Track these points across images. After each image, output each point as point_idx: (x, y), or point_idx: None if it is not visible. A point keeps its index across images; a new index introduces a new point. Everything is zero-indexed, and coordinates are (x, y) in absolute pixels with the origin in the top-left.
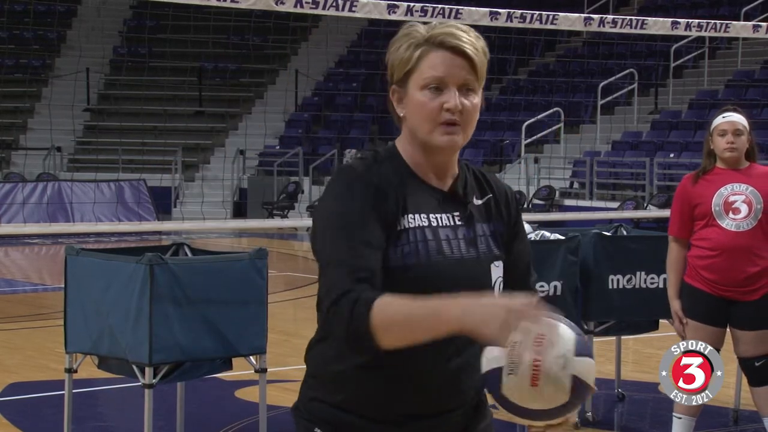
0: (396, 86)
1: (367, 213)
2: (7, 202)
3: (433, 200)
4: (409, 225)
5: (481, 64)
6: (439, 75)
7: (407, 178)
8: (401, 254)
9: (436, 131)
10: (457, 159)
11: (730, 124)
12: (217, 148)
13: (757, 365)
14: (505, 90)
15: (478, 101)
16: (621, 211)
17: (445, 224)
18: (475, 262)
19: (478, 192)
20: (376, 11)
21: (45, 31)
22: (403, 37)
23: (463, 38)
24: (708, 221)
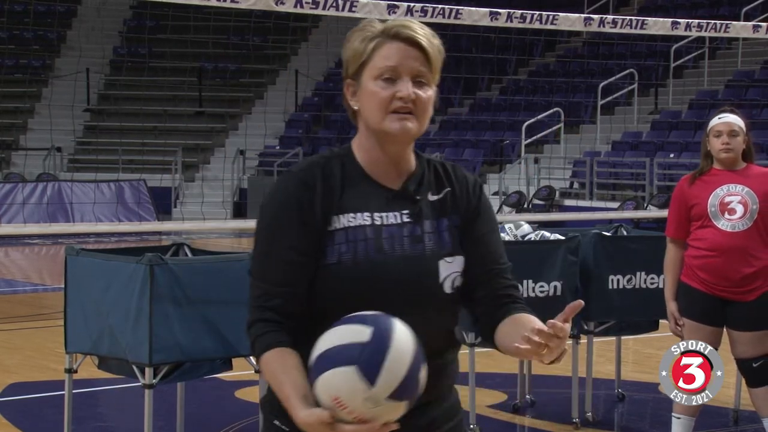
0: (350, 80)
1: (292, 221)
2: (7, 202)
3: (380, 199)
4: (348, 224)
5: (436, 57)
6: (392, 65)
7: (355, 178)
8: (338, 254)
9: (387, 119)
10: (413, 154)
11: (726, 125)
12: (217, 148)
13: (755, 366)
14: (505, 90)
15: (432, 94)
16: (621, 211)
17: (390, 222)
18: (420, 259)
19: (436, 187)
20: (376, 11)
21: (45, 31)
22: (358, 32)
23: (417, 30)
24: (704, 222)
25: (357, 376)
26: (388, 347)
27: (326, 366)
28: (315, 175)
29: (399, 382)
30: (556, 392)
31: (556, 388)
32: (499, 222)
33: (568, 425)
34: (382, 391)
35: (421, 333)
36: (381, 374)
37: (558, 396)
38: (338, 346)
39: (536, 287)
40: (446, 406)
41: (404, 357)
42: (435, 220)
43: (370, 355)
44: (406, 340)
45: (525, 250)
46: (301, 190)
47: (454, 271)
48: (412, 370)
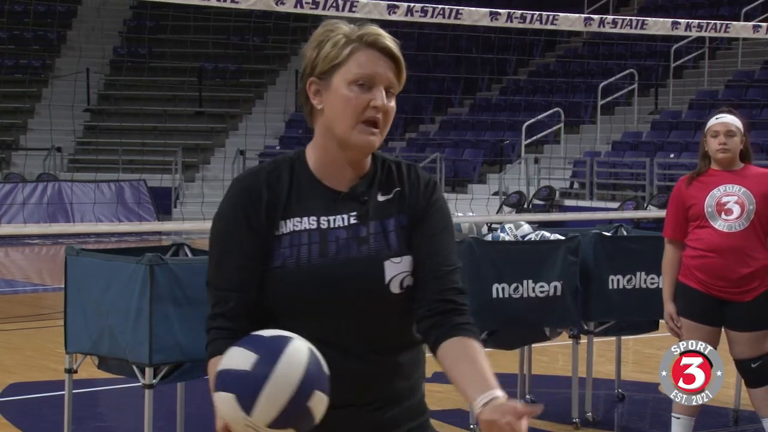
0: (316, 78)
1: (238, 227)
2: (7, 202)
3: (328, 202)
4: (293, 229)
5: (403, 68)
6: (369, 73)
7: (304, 183)
8: (283, 258)
9: (356, 128)
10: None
11: (723, 125)
12: (217, 148)
13: (754, 366)
14: (505, 90)
15: (394, 105)
16: (621, 211)
17: (337, 225)
18: (364, 260)
19: (386, 187)
20: (376, 11)
21: (45, 31)
22: (326, 32)
23: (390, 41)
24: (701, 222)
25: (236, 404)
26: (268, 377)
27: (216, 387)
28: (260, 181)
29: (278, 412)
30: (556, 392)
31: (556, 388)
32: (499, 222)
33: (568, 425)
34: (260, 420)
35: (371, 333)
36: (257, 404)
37: (558, 396)
38: (225, 369)
39: (536, 287)
40: (407, 405)
41: (285, 388)
42: (382, 221)
43: (248, 384)
44: (291, 369)
45: (525, 250)
46: (245, 197)
47: (402, 272)
48: (296, 399)
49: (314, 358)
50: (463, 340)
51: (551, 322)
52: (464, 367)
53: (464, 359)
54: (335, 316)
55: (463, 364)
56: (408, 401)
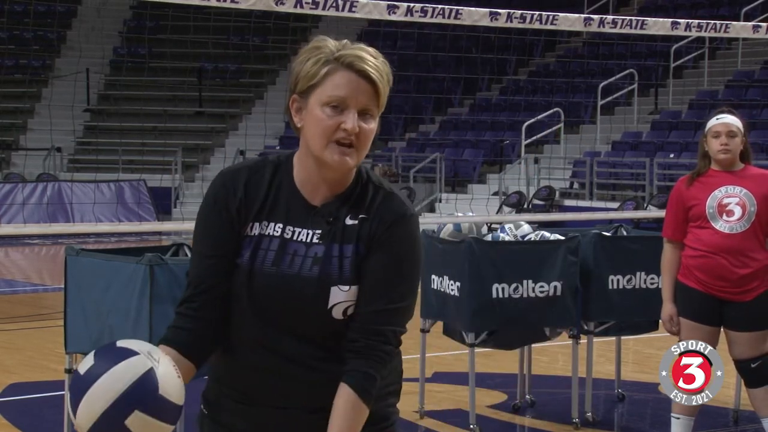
0: (297, 96)
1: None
2: (7, 202)
3: (299, 214)
4: (260, 231)
5: (384, 90)
6: (341, 95)
7: (283, 189)
8: (243, 258)
9: (328, 149)
10: (352, 175)
11: (724, 125)
12: (217, 148)
13: (753, 366)
14: (505, 90)
15: (374, 126)
16: (621, 211)
17: (300, 239)
18: (312, 281)
19: (354, 211)
20: (376, 11)
21: (45, 32)
22: (312, 50)
23: (370, 63)
24: (701, 223)
25: (69, 404)
26: (90, 385)
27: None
28: (240, 178)
29: (93, 420)
30: (556, 392)
31: (556, 388)
32: (499, 222)
33: (568, 425)
34: (81, 425)
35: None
36: (79, 408)
37: (558, 396)
38: (76, 371)
39: (536, 287)
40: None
41: (104, 396)
42: (341, 245)
43: (76, 387)
44: (116, 382)
45: (525, 250)
46: (221, 191)
47: (348, 300)
48: (112, 413)
49: (149, 378)
50: (343, 387)
51: (551, 322)
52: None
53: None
54: (279, 322)
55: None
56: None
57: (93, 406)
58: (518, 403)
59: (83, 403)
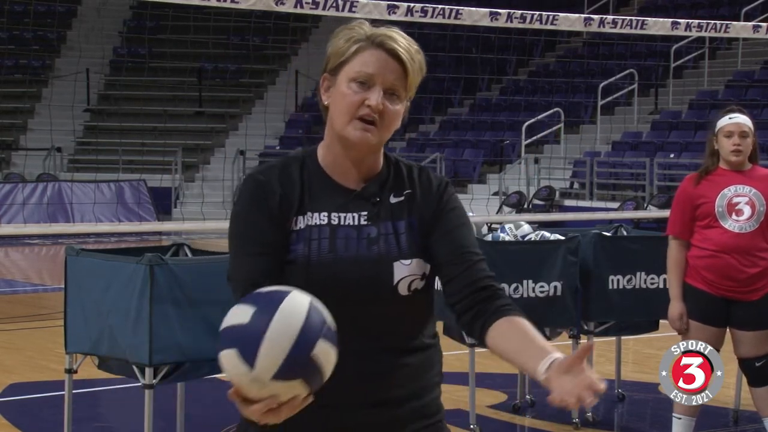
0: (328, 74)
1: (255, 222)
2: (7, 202)
3: (339, 199)
4: (306, 224)
5: (414, 73)
6: (369, 72)
7: (315, 179)
8: (294, 253)
9: (351, 124)
10: (381, 156)
11: (737, 126)
12: (217, 148)
13: (758, 365)
14: (505, 90)
15: (401, 108)
16: (621, 211)
17: (347, 223)
18: (373, 261)
19: (397, 189)
20: (376, 11)
21: (45, 32)
22: (346, 30)
23: (401, 44)
24: (710, 222)
25: (237, 359)
26: (267, 327)
27: (218, 348)
28: (273, 176)
29: (281, 362)
30: None
31: None
32: (499, 222)
33: (568, 425)
34: (264, 373)
35: (378, 333)
36: (259, 356)
37: None
38: (225, 328)
39: (536, 287)
40: (415, 406)
41: (286, 336)
42: (393, 222)
43: (247, 336)
44: (291, 318)
45: (525, 250)
46: (259, 189)
47: (411, 274)
48: (298, 349)
49: (315, 308)
50: (508, 319)
51: (551, 322)
52: (516, 344)
53: (514, 336)
54: (342, 314)
55: (514, 342)
56: (417, 401)
57: (279, 347)
58: (518, 403)
59: (264, 347)
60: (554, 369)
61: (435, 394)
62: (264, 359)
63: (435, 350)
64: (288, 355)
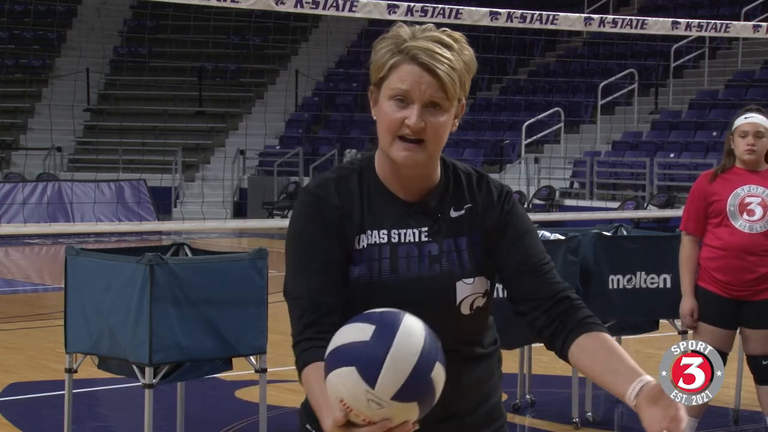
0: (373, 87)
1: (313, 239)
2: (7, 202)
3: (398, 214)
4: (367, 243)
5: (454, 83)
6: (405, 88)
7: (374, 192)
8: (357, 273)
9: (394, 145)
10: (438, 166)
11: (752, 125)
12: (217, 148)
13: (765, 364)
14: (505, 90)
15: (447, 119)
16: (621, 211)
17: (408, 240)
18: (436, 279)
19: (457, 202)
20: (376, 11)
21: (45, 31)
22: (387, 40)
23: (436, 56)
24: (722, 220)
25: (358, 377)
26: (390, 346)
27: (330, 367)
28: (330, 189)
29: (403, 382)
30: (556, 392)
31: (556, 388)
32: None
33: (568, 425)
34: (385, 392)
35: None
36: (381, 374)
37: (558, 396)
38: (340, 346)
39: None
40: (482, 412)
41: (408, 356)
42: (455, 239)
43: (370, 354)
44: (412, 338)
45: None
46: (317, 203)
47: (474, 293)
48: (419, 370)
49: (429, 330)
50: (592, 335)
51: None
52: (604, 363)
53: (599, 355)
54: None
55: (601, 360)
56: (484, 407)
57: (402, 367)
58: (518, 402)
59: (387, 367)
60: (644, 396)
61: (497, 397)
62: (386, 378)
63: (496, 355)
64: (410, 374)
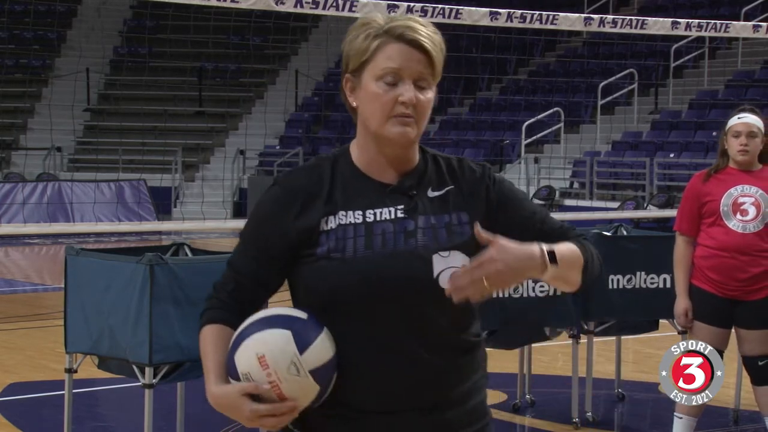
0: (350, 75)
1: (268, 225)
2: (7, 202)
3: (375, 194)
4: (339, 223)
5: (438, 59)
6: (395, 67)
7: (348, 177)
8: (327, 251)
9: (388, 123)
10: (417, 150)
11: (745, 126)
12: (217, 148)
13: (761, 364)
14: (505, 90)
15: (432, 96)
16: (621, 211)
17: (384, 218)
18: (411, 253)
19: (437, 183)
20: (376, 11)
21: (45, 31)
22: (361, 27)
23: (421, 32)
24: (715, 220)
25: (290, 340)
26: (320, 332)
27: (261, 327)
28: (301, 179)
29: (325, 361)
30: (556, 392)
31: (556, 388)
32: None
33: (568, 425)
34: (308, 363)
35: (423, 332)
36: (312, 346)
37: (558, 396)
38: (277, 315)
39: (536, 287)
40: (466, 409)
41: (329, 349)
42: (432, 216)
43: (306, 328)
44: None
45: None
46: (284, 195)
47: (451, 266)
48: (332, 364)
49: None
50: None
51: (551, 322)
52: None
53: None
54: (383, 313)
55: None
56: (466, 404)
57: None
58: (518, 402)
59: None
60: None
61: (482, 397)
62: (314, 351)
63: (480, 350)
64: (329, 361)
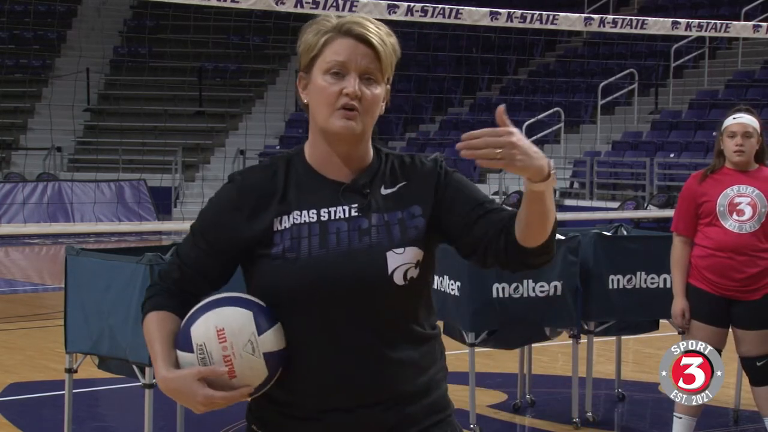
0: (302, 73)
1: (218, 221)
2: (7, 202)
3: (328, 194)
4: (293, 223)
5: (387, 56)
6: (341, 60)
7: (302, 177)
8: (282, 251)
9: (333, 116)
10: (370, 148)
11: (741, 126)
12: (217, 148)
13: (759, 365)
14: (505, 90)
15: (380, 92)
16: (621, 211)
17: (338, 217)
18: (365, 251)
19: (390, 180)
20: (376, 11)
21: (45, 31)
22: (313, 25)
23: (369, 28)
24: (711, 220)
25: (251, 321)
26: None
27: (223, 304)
28: (252, 179)
29: (278, 348)
30: (556, 392)
31: (556, 388)
32: None
33: (568, 425)
34: (264, 344)
35: (376, 327)
36: (270, 331)
37: (558, 396)
38: (239, 296)
39: (536, 287)
40: (425, 403)
41: (282, 340)
42: (386, 214)
43: (265, 314)
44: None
45: None
46: (236, 193)
47: (406, 263)
48: (283, 356)
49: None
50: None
51: (551, 322)
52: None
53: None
54: (339, 311)
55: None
56: (427, 398)
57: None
58: (518, 402)
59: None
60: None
61: (442, 390)
62: (271, 335)
63: (437, 342)
64: (282, 350)
